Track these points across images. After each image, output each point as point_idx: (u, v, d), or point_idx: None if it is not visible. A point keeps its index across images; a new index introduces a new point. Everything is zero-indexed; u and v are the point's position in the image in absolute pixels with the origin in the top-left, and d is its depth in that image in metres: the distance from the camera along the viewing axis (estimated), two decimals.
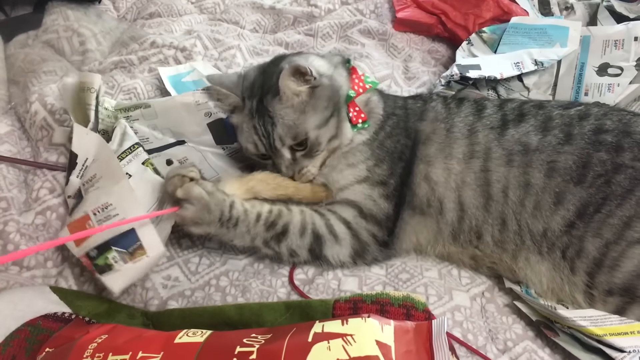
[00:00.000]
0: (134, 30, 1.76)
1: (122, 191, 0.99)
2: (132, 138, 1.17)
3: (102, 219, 0.97)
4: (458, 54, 1.69)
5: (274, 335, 0.72)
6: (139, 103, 1.26)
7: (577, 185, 1.07)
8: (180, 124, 1.27)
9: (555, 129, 1.13)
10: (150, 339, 0.76)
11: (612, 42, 1.53)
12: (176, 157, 1.26)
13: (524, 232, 1.08)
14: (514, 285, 1.08)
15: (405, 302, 0.88)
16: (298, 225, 1.07)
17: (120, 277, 0.94)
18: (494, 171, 1.12)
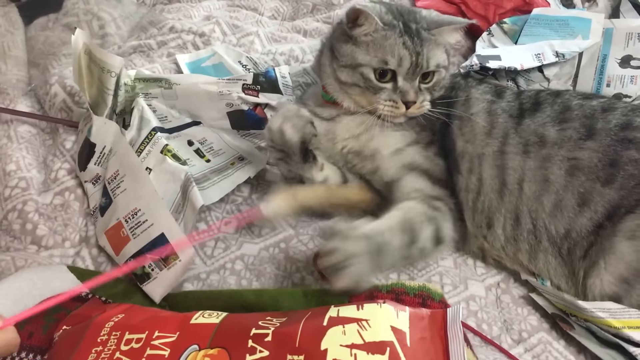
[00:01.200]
0: (153, 15, 1.76)
1: (148, 195, 1.01)
2: (149, 123, 1.18)
3: (133, 225, 1.01)
4: (478, 44, 1.67)
5: (289, 318, 0.73)
6: (159, 77, 1.28)
7: (605, 186, 1.00)
8: (200, 108, 1.28)
9: (575, 121, 1.07)
10: (166, 319, 0.76)
11: (635, 35, 1.51)
12: (195, 137, 1.26)
13: (540, 233, 1.03)
14: (530, 276, 1.07)
15: (422, 292, 0.88)
16: (418, 217, 0.97)
17: (159, 284, 0.96)
18: (510, 158, 1.07)
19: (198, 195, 1.03)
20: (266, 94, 1.30)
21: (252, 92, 1.29)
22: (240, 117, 1.28)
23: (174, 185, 1.09)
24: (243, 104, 1.27)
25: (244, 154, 1.24)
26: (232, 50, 1.55)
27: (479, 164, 1.09)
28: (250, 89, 1.29)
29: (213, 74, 1.49)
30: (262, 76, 1.32)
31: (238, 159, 1.23)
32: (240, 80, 1.29)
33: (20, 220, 1.07)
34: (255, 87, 1.30)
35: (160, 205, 1.00)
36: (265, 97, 1.30)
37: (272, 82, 1.34)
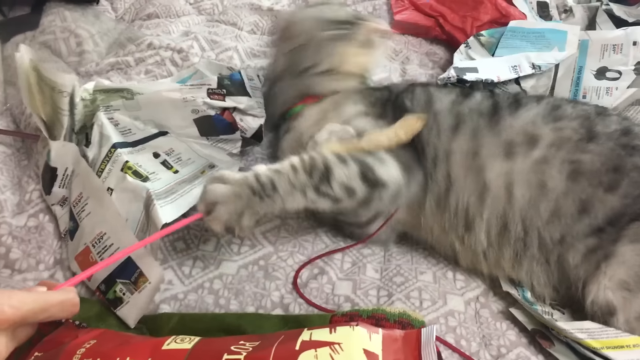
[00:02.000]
0: (131, 32, 1.76)
1: (112, 218, 1.00)
2: (109, 139, 1.15)
3: (101, 250, 0.99)
4: (456, 56, 1.69)
5: (262, 342, 0.72)
6: (120, 87, 1.23)
7: (607, 192, 0.96)
8: (165, 117, 1.25)
9: (572, 120, 1.02)
10: (138, 345, 0.75)
11: (610, 47, 1.53)
12: (162, 149, 1.23)
13: (531, 240, 1.00)
14: (511, 288, 1.07)
15: (402, 319, 0.87)
16: (336, 158, 0.96)
17: (132, 309, 0.94)
18: (488, 161, 1.02)
19: (159, 213, 0.98)
20: (233, 97, 1.25)
21: (218, 96, 1.24)
22: (208, 123, 1.25)
23: (137, 204, 1.06)
24: (209, 109, 1.23)
25: (215, 162, 1.23)
26: (215, 64, 1.53)
27: (446, 159, 1.06)
28: (215, 94, 1.24)
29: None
30: (227, 79, 1.27)
31: (209, 166, 1.22)
32: (204, 85, 1.24)
33: None
34: (221, 91, 1.25)
35: (123, 228, 0.98)
36: (233, 100, 1.25)
37: (238, 85, 1.29)
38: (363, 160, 0.98)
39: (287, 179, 0.92)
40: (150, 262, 0.94)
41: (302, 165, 0.94)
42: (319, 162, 0.95)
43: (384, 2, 1.95)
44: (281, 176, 0.92)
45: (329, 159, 0.96)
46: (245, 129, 1.27)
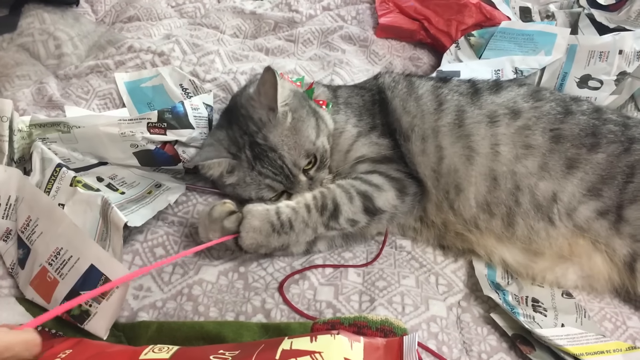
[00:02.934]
0: (111, 34, 1.74)
1: (67, 231, 0.96)
2: (52, 161, 1.12)
3: (59, 266, 0.95)
4: (445, 57, 1.69)
5: (242, 351, 0.71)
6: (56, 121, 1.20)
7: (590, 152, 1.08)
8: (103, 150, 1.22)
9: (550, 101, 1.16)
10: (115, 354, 0.74)
11: (597, 54, 1.53)
12: (105, 174, 1.22)
13: (523, 194, 1.09)
14: (492, 292, 1.07)
15: (384, 326, 0.87)
16: (343, 195, 1.09)
17: (100, 319, 0.91)
18: (473, 127, 1.14)
19: (119, 214, 0.99)
20: (174, 131, 1.23)
21: (158, 129, 1.21)
22: (148, 156, 1.23)
23: (92, 213, 1.04)
24: (149, 143, 1.21)
25: (160, 181, 1.22)
26: (178, 72, 1.52)
27: (435, 135, 1.17)
28: (156, 127, 1.21)
29: (150, 96, 1.48)
30: (169, 112, 1.23)
31: (155, 186, 1.21)
32: (144, 120, 1.21)
33: None
34: (162, 125, 1.22)
35: (81, 237, 0.95)
36: (174, 133, 1.22)
37: (180, 118, 1.25)
38: (365, 192, 1.10)
39: (302, 219, 1.05)
40: (115, 266, 0.91)
41: (314, 205, 1.07)
42: (329, 201, 1.07)
43: (367, 7, 1.95)
44: (297, 216, 1.05)
45: (338, 197, 1.08)
46: (187, 160, 1.25)
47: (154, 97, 1.48)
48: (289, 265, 1.12)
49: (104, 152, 1.22)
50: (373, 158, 1.18)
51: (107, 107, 1.46)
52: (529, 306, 1.08)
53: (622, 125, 1.13)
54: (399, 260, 1.17)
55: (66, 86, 1.50)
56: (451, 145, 1.15)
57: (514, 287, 1.13)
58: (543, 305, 1.09)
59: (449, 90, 1.23)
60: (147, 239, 1.11)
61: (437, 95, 1.23)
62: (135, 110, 1.47)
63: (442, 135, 1.17)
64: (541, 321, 1.04)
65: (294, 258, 1.14)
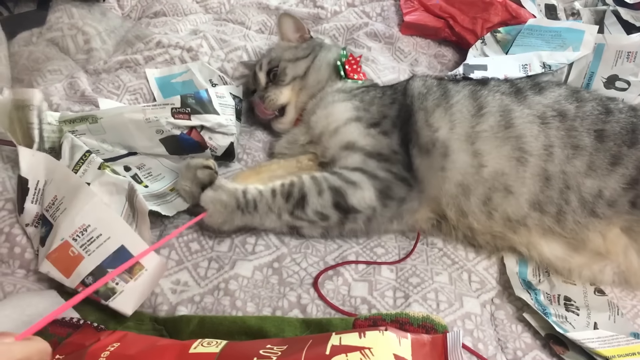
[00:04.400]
0: (139, 29, 1.75)
1: (96, 209, 0.96)
2: (82, 148, 1.13)
3: (85, 242, 0.94)
4: (470, 52, 1.69)
5: (290, 346, 0.72)
6: (85, 115, 1.21)
7: (631, 147, 1.11)
8: (131, 138, 1.23)
9: (590, 101, 1.18)
10: (164, 348, 0.75)
11: (625, 53, 1.52)
12: (133, 164, 1.22)
13: (572, 192, 1.10)
14: (524, 293, 1.07)
15: (425, 323, 0.87)
16: (313, 186, 1.10)
17: (128, 297, 0.91)
18: (524, 127, 1.14)
19: (143, 201, 1.01)
20: (198, 116, 1.24)
21: (182, 115, 1.22)
22: (175, 142, 1.23)
23: (118, 196, 1.04)
24: (174, 129, 1.21)
25: None
26: (207, 68, 1.52)
27: (471, 142, 1.14)
28: (180, 113, 1.22)
29: (180, 91, 1.48)
30: (192, 98, 1.24)
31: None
32: (168, 105, 1.22)
33: (7, 244, 1.04)
34: (185, 110, 1.23)
35: (113, 217, 0.96)
36: (198, 118, 1.23)
37: (204, 103, 1.26)
38: (338, 188, 1.10)
39: (266, 202, 1.08)
40: (141, 247, 0.92)
41: (281, 191, 1.09)
42: (296, 189, 1.09)
43: (392, 4, 1.95)
44: (262, 198, 1.08)
45: (306, 187, 1.10)
46: (215, 147, 1.26)
47: (184, 92, 1.48)
48: (322, 260, 1.13)
49: (131, 140, 1.23)
50: (366, 150, 1.16)
51: (137, 102, 1.47)
52: (561, 305, 1.08)
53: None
54: (431, 257, 1.17)
55: (96, 81, 1.51)
56: (496, 149, 1.13)
57: (545, 285, 1.13)
58: (575, 303, 1.09)
59: (489, 91, 1.22)
60: (182, 234, 1.12)
61: (476, 99, 1.21)
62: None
63: (482, 140, 1.14)
64: (574, 321, 1.04)
65: (326, 253, 1.14)
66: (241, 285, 1.05)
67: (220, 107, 1.28)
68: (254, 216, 1.08)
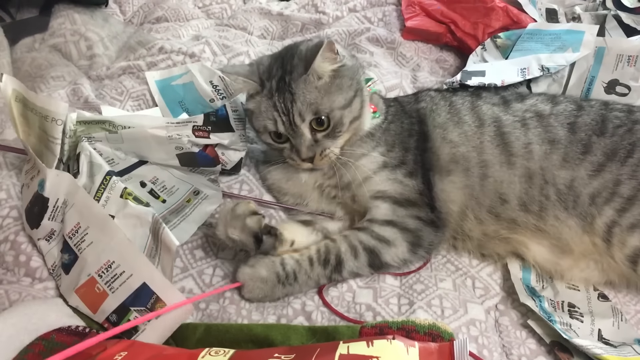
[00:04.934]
0: (141, 35, 1.75)
1: (121, 245, 0.96)
2: (101, 167, 1.12)
3: (110, 279, 0.95)
4: (470, 59, 1.68)
5: (298, 355, 0.72)
6: (102, 119, 1.20)
7: (600, 136, 1.18)
8: (148, 151, 1.23)
9: (564, 102, 1.27)
10: (172, 357, 0.75)
11: (625, 57, 1.51)
12: (146, 178, 1.23)
13: (549, 186, 1.15)
14: (528, 299, 1.07)
15: (432, 331, 0.87)
16: (348, 250, 1.09)
17: (150, 335, 0.90)
18: (510, 133, 1.20)
19: (171, 236, 0.97)
20: (217, 134, 1.24)
21: (202, 132, 1.22)
22: (191, 158, 1.24)
23: (142, 229, 1.04)
24: (194, 146, 1.22)
25: (198, 187, 1.24)
26: (207, 69, 1.52)
27: (479, 154, 1.20)
28: (200, 130, 1.22)
29: (181, 94, 1.49)
30: (213, 116, 1.24)
31: (193, 193, 1.23)
32: (190, 123, 1.21)
33: (13, 252, 1.04)
34: (206, 128, 1.23)
35: (136, 254, 0.95)
36: (217, 137, 1.24)
37: (224, 120, 1.27)
38: (373, 248, 1.10)
39: (305, 272, 1.06)
40: (167, 286, 0.91)
41: (317, 258, 1.08)
42: (332, 255, 1.08)
43: (394, 9, 1.95)
44: (301, 268, 1.06)
45: (342, 252, 1.09)
46: (226, 162, 1.28)
47: (185, 95, 1.49)
48: None
49: (147, 152, 1.23)
50: (394, 198, 1.16)
51: (140, 108, 1.47)
52: (565, 312, 1.08)
53: (626, 112, 1.24)
54: (435, 264, 1.18)
55: (99, 87, 1.51)
56: (494, 156, 1.19)
57: (549, 291, 1.13)
58: (579, 310, 1.09)
59: (484, 103, 1.28)
60: (187, 242, 1.13)
61: (476, 112, 1.26)
62: (167, 109, 1.49)
63: (485, 150, 1.19)
64: (578, 328, 1.04)
65: None
66: None
67: (234, 122, 1.29)
68: (294, 287, 1.06)
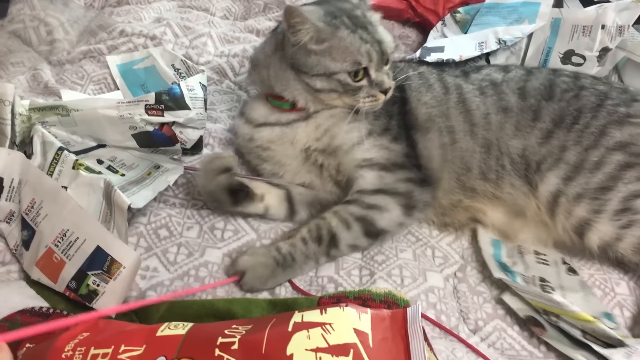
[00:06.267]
0: (102, 19, 1.74)
1: (73, 213, 0.97)
2: (53, 144, 1.13)
3: (65, 247, 0.96)
4: (431, 34, 1.70)
5: (255, 325, 0.74)
6: (55, 104, 1.21)
7: (548, 100, 1.21)
8: (102, 133, 1.23)
9: (515, 69, 1.32)
10: (132, 332, 0.77)
11: (580, 28, 1.53)
12: (104, 156, 1.23)
13: (504, 156, 1.19)
14: (501, 273, 1.09)
15: (387, 298, 0.90)
16: (339, 223, 1.10)
17: (109, 298, 0.92)
18: (471, 100, 1.24)
19: (123, 196, 1.00)
20: (172, 112, 1.24)
21: (156, 112, 1.23)
22: (147, 138, 1.24)
23: (95, 196, 1.05)
24: (147, 125, 1.22)
25: (159, 163, 1.24)
26: (169, 53, 1.52)
27: (447, 118, 1.23)
28: (154, 109, 1.22)
29: (143, 77, 1.49)
30: (166, 94, 1.24)
31: (154, 167, 1.23)
32: (142, 102, 1.22)
33: None
34: (159, 107, 1.23)
35: (87, 219, 0.97)
36: (171, 115, 1.24)
37: (177, 99, 1.26)
38: (364, 217, 1.11)
39: (301, 251, 1.07)
40: (120, 247, 0.93)
41: (309, 236, 1.08)
42: (324, 231, 1.08)
43: None
44: (296, 249, 1.07)
45: (333, 227, 1.09)
46: (185, 141, 1.28)
47: (147, 78, 1.49)
48: None
49: (102, 134, 1.23)
50: (381, 164, 1.16)
51: (102, 91, 1.47)
52: (537, 286, 1.09)
53: (573, 77, 1.27)
54: (396, 236, 1.20)
55: (60, 72, 1.51)
56: (459, 124, 1.22)
57: (520, 267, 1.15)
58: (550, 284, 1.10)
59: (448, 75, 1.32)
60: (150, 222, 1.14)
61: (442, 81, 1.30)
62: (129, 92, 1.48)
63: (452, 116, 1.23)
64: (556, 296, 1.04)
65: None
66: (211, 272, 1.07)
67: (191, 101, 1.29)
68: (294, 268, 1.06)
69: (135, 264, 0.94)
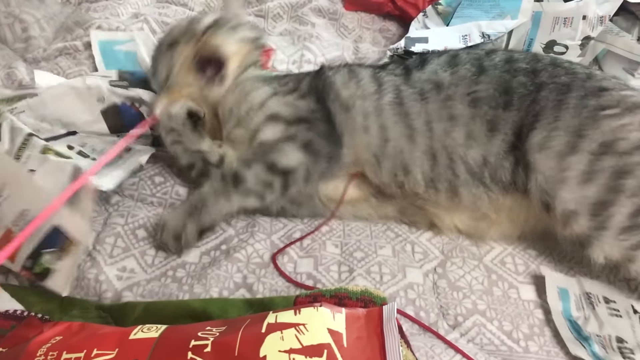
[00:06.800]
0: (78, 15, 1.71)
1: (33, 192, 0.97)
2: (22, 130, 1.13)
3: (23, 226, 0.94)
4: (412, 25, 1.71)
5: (229, 327, 0.73)
6: (24, 94, 1.22)
7: (505, 110, 1.10)
8: (72, 112, 1.23)
9: (465, 64, 1.17)
10: (105, 336, 0.76)
11: (561, 19, 1.55)
12: (74, 143, 1.22)
13: (457, 165, 1.12)
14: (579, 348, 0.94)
15: (364, 296, 0.90)
16: (240, 164, 1.13)
17: (60, 275, 0.93)
18: (410, 106, 1.15)
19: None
20: (136, 89, 1.26)
21: (120, 88, 1.25)
22: (116, 115, 1.24)
23: (62, 179, 1.05)
24: (114, 96, 1.23)
25: (130, 145, 1.24)
26: (153, 41, 1.51)
27: (378, 115, 1.16)
28: (117, 86, 1.24)
29: (122, 61, 1.49)
30: (130, 74, 1.28)
31: (125, 150, 1.22)
32: (105, 78, 1.24)
33: None
34: (123, 83, 1.25)
35: (46, 197, 0.94)
36: (136, 91, 1.26)
37: (142, 81, 1.29)
38: (264, 157, 1.13)
39: (208, 192, 1.10)
40: (77, 224, 0.93)
41: (214, 179, 1.13)
42: (227, 172, 1.13)
43: None
44: (203, 192, 1.11)
45: (234, 167, 1.13)
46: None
47: (126, 63, 1.49)
48: (269, 238, 1.15)
49: (72, 114, 1.23)
50: (286, 119, 1.17)
51: None
52: (616, 351, 0.94)
53: (531, 73, 1.13)
54: (375, 232, 1.20)
55: (35, 69, 1.48)
56: (394, 125, 1.15)
57: (593, 323, 1.00)
58: (628, 345, 0.96)
59: (386, 73, 1.22)
60: (127, 222, 1.13)
61: (376, 78, 1.22)
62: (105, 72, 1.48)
63: (385, 114, 1.16)
64: None
65: (272, 232, 1.17)
66: (189, 272, 1.06)
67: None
68: (207, 208, 1.08)
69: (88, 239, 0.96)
